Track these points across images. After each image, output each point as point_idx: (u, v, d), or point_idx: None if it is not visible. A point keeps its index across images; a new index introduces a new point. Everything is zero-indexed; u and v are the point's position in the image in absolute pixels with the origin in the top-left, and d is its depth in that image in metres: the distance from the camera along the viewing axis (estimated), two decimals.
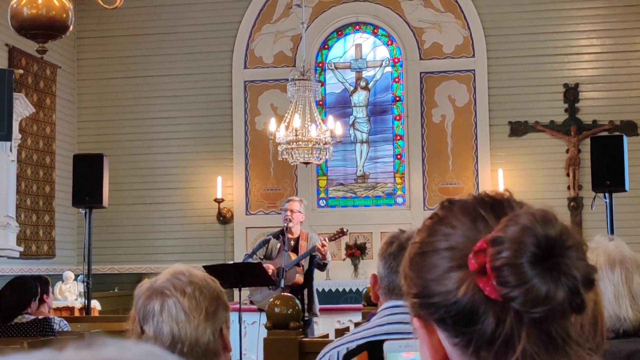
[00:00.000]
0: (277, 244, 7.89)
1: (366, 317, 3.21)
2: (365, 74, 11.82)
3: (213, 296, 2.02)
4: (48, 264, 10.91)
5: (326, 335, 5.42)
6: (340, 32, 11.88)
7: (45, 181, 10.99)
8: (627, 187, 8.08)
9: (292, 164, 10.03)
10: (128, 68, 11.88)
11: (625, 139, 8.22)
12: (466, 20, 11.37)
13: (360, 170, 11.67)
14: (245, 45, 11.73)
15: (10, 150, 9.40)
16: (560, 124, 11.07)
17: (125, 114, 11.83)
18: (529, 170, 11.02)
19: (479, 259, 0.96)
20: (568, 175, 10.95)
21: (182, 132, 11.71)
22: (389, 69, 11.75)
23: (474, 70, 11.31)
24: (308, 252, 7.76)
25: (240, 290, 7.20)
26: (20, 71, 10.22)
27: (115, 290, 11.23)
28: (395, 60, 11.69)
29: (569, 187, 10.95)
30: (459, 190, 11.01)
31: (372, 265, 9.22)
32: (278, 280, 7.64)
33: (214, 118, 11.68)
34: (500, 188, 10.85)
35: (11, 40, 10.02)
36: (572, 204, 10.88)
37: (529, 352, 0.96)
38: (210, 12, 11.77)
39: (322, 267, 7.86)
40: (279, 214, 10.93)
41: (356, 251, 11.02)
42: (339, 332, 5.08)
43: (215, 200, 11.34)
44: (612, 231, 7.78)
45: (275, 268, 7.74)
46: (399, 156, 11.55)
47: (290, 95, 9.56)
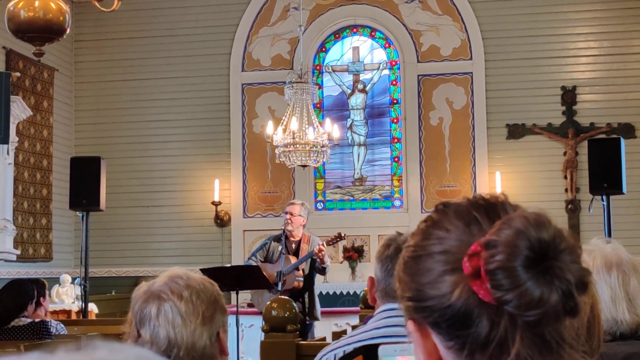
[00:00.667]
0: (279, 247, 7.87)
1: (363, 320, 3.21)
2: (362, 76, 11.82)
3: (210, 300, 2.01)
4: (45, 267, 10.90)
5: (323, 338, 5.41)
6: (338, 35, 11.88)
7: (42, 184, 10.98)
8: (625, 190, 8.08)
9: (290, 167, 10.02)
10: (125, 71, 11.88)
11: (622, 141, 8.22)
12: (464, 23, 11.38)
13: (357, 173, 11.67)
14: (242, 48, 11.73)
15: (8, 153, 9.40)
16: (557, 126, 11.08)
17: (123, 117, 11.83)
18: (527, 173, 11.02)
19: (473, 263, 0.96)
20: (565, 177, 10.96)
21: (180, 135, 11.71)
22: (386, 71, 11.75)
23: (472, 72, 11.31)
24: (306, 257, 7.75)
25: (237, 293, 7.20)
26: (18, 74, 10.21)
27: (113, 293, 11.22)
28: (393, 62, 11.70)
29: (566, 190, 10.95)
30: (456, 193, 11.01)
31: (370, 268, 9.23)
32: (276, 284, 7.62)
33: (211, 121, 11.67)
34: (497, 191, 10.88)
35: (8, 43, 10.01)
36: (570, 206, 10.89)
37: (522, 355, 0.96)
38: (207, 15, 11.77)
39: (322, 272, 7.85)
40: (276, 216, 10.96)
41: (354, 254, 11.02)
42: (336, 335, 5.07)
43: (213, 203, 11.33)
44: (610, 234, 7.78)
45: (273, 272, 7.72)
46: (396, 159, 11.55)
47: (287, 98, 9.56)
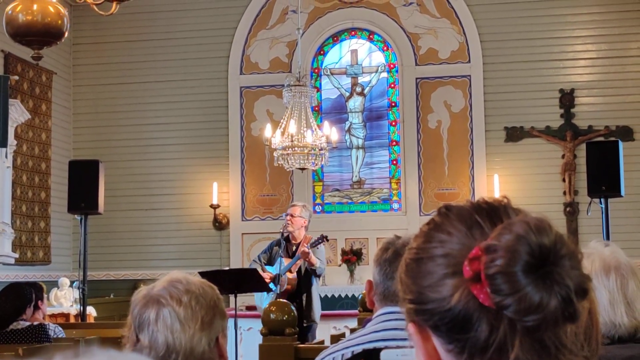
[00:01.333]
0: (279, 250, 7.90)
1: (362, 323, 3.21)
2: (361, 79, 11.83)
3: (210, 305, 2.00)
4: (43, 270, 10.89)
5: (322, 342, 5.41)
6: (336, 38, 11.89)
7: (40, 187, 10.97)
8: (623, 193, 8.08)
9: (288, 170, 10.02)
10: (124, 74, 11.88)
11: (620, 144, 8.23)
12: (462, 26, 11.38)
13: (356, 176, 11.67)
14: (241, 51, 11.73)
15: (6, 156, 9.39)
16: (556, 129, 11.08)
17: (121, 120, 11.83)
18: (525, 176, 11.03)
19: (474, 267, 0.96)
20: (564, 180, 10.96)
21: (178, 138, 11.71)
22: (384, 74, 11.76)
23: (470, 75, 11.32)
24: (295, 260, 7.76)
25: (235, 296, 7.20)
26: (16, 77, 10.21)
27: (111, 296, 11.21)
28: (391, 65, 11.70)
29: (564, 193, 10.95)
30: (454, 196, 11.01)
31: (368, 271, 9.23)
32: (276, 287, 7.65)
33: (209, 124, 11.67)
34: (496, 194, 10.88)
35: (6, 47, 10.01)
36: (568, 209, 10.89)
37: None
38: (206, 18, 11.77)
39: (314, 273, 7.83)
40: (275, 219, 10.97)
41: (352, 257, 11.01)
42: (335, 338, 5.07)
43: (211, 206, 11.33)
44: (608, 236, 7.78)
45: (271, 276, 7.74)
46: (394, 162, 11.55)
47: (286, 101, 9.56)
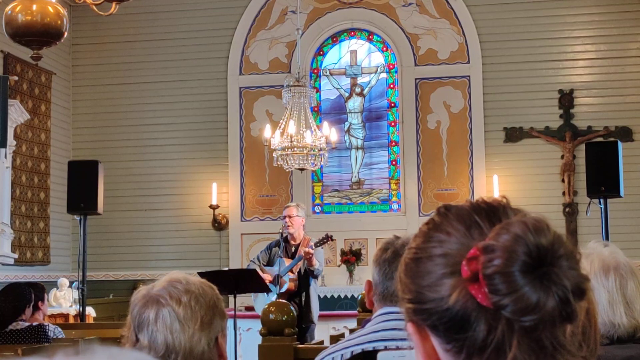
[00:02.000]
0: (279, 251, 7.90)
1: (361, 324, 3.21)
2: (360, 80, 11.83)
3: (209, 305, 2.00)
4: (43, 270, 10.89)
5: (321, 342, 5.41)
6: (336, 39, 11.89)
7: (40, 188, 10.97)
8: (622, 193, 8.08)
9: (287, 170, 10.03)
10: (123, 74, 11.88)
11: (620, 144, 8.23)
12: (461, 27, 11.39)
13: (355, 177, 11.67)
14: (240, 52, 11.73)
15: (5, 156, 9.40)
16: (555, 129, 11.09)
17: (120, 121, 11.83)
18: (524, 176, 11.03)
19: (472, 266, 0.96)
20: (563, 181, 10.97)
21: (177, 139, 11.71)
22: (384, 75, 11.76)
23: (469, 76, 11.32)
24: (297, 260, 7.76)
25: (235, 297, 7.20)
26: (15, 78, 10.21)
27: (110, 297, 11.21)
28: (391, 66, 11.70)
29: (564, 193, 10.96)
30: (454, 196, 11.02)
31: (368, 272, 9.23)
32: (275, 287, 7.66)
33: (209, 124, 11.67)
34: (495, 194, 10.89)
35: (6, 47, 10.01)
36: (567, 209, 10.89)
37: None
38: (205, 19, 11.77)
39: (312, 274, 7.83)
40: (274, 220, 10.96)
41: (351, 257, 11.02)
42: (334, 339, 5.07)
43: (211, 206, 11.33)
44: (607, 237, 7.78)
45: (271, 276, 7.75)
46: (394, 162, 11.55)
47: (285, 101, 9.56)
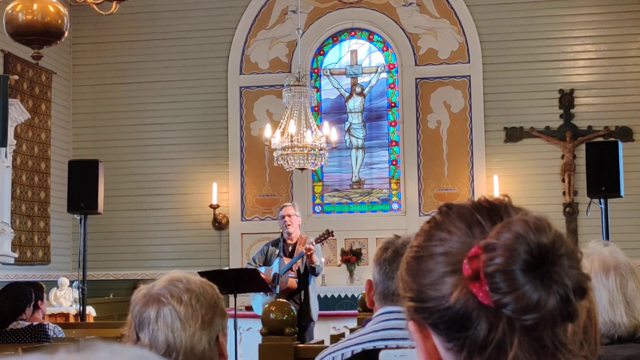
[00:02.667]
0: (276, 251, 7.90)
1: (362, 323, 3.21)
2: (360, 79, 11.83)
3: (210, 304, 2.01)
4: (43, 270, 10.89)
5: (321, 341, 5.42)
6: (336, 38, 11.89)
7: (40, 187, 10.98)
8: (622, 193, 8.08)
9: (288, 170, 10.03)
10: (123, 74, 11.88)
11: (620, 144, 8.23)
12: (461, 26, 11.39)
13: (355, 176, 11.67)
14: (240, 51, 11.73)
15: (6, 156, 9.40)
16: (555, 129, 11.09)
17: (121, 120, 11.83)
18: (525, 176, 11.03)
19: (473, 265, 0.96)
20: (563, 181, 10.97)
21: (178, 138, 11.71)
22: (384, 74, 11.76)
23: (470, 76, 11.32)
24: (297, 257, 7.76)
25: (235, 297, 7.20)
26: (16, 77, 10.21)
27: (111, 296, 11.21)
28: (391, 66, 11.71)
29: (564, 193, 10.96)
30: (454, 196, 11.02)
31: (368, 271, 9.23)
32: (274, 287, 7.66)
33: (209, 124, 11.68)
34: (495, 194, 10.87)
35: (6, 46, 10.01)
36: (568, 209, 10.90)
37: (520, 359, 0.96)
38: (205, 18, 11.78)
39: (313, 271, 7.83)
40: (274, 219, 10.95)
41: (351, 257, 11.02)
42: (335, 338, 5.07)
43: (211, 206, 11.33)
44: (607, 237, 7.79)
45: (270, 275, 7.75)
46: (394, 162, 11.55)
47: (285, 101, 9.56)
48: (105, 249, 11.50)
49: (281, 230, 8.00)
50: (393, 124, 11.62)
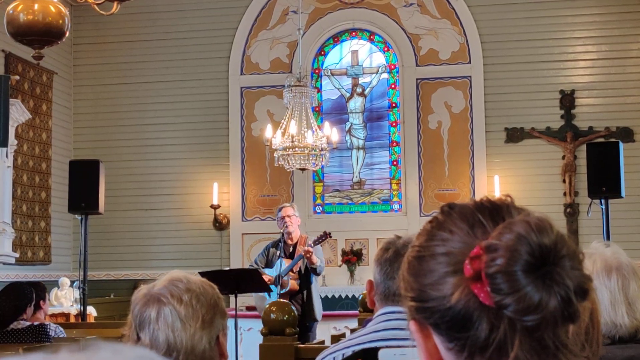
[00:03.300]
0: (277, 252, 7.91)
1: (362, 323, 3.21)
2: (361, 80, 11.83)
3: (210, 304, 2.01)
4: (44, 270, 10.90)
5: (322, 342, 5.42)
6: (337, 39, 11.89)
7: (41, 187, 10.98)
8: (623, 194, 8.08)
9: (289, 170, 10.03)
10: (124, 74, 11.88)
11: (621, 145, 8.23)
12: (462, 27, 11.39)
13: (356, 177, 11.67)
14: (241, 52, 11.73)
15: (7, 156, 9.40)
16: (556, 130, 11.09)
17: (122, 120, 11.83)
18: (525, 177, 11.03)
19: (474, 265, 0.96)
20: (564, 181, 10.97)
21: (179, 139, 11.71)
22: (385, 75, 11.76)
23: (470, 76, 11.32)
24: (297, 260, 7.77)
25: (236, 297, 7.20)
26: (17, 77, 10.22)
27: (111, 296, 11.21)
28: (392, 66, 11.70)
29: (565, 194, 10.96)
30: (455, 197, 11.01)
31: (368, 272, 9.22)
32: (276, 288, 7.67)
33: (210, 124, 11.68)
34: (496, 194, 10.92)
35: (7, 46, 10.02)
36: (568, 210, 10.89)
37: (521, 359, 0.96)
38: (206, 19, 11.78)
39: (315, 271, 7.86)
40: (275, 220, 10.95)
41: (352, 257, 11.02)
42: (335, 339, 5.07)
43: (212, 206, 11.33)
44: (608, 237, 7.78)
45: (271, 276, 7.76)
46: (395, 162, 11.55)
47: (286, 101, 9.56)
48: (106, 249, 11.50)
49: (281, 231, 8.01)
50: (394, 124, 11.62)
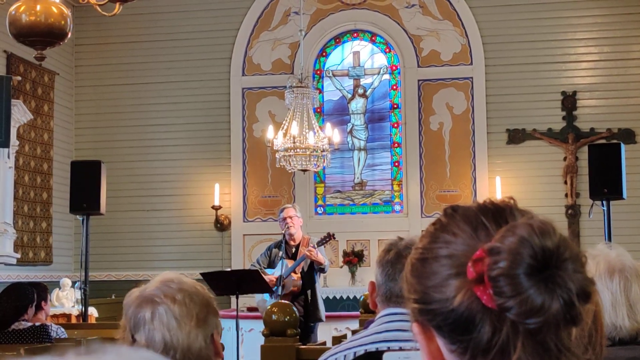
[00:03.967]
0: (279, 253, 7.93)
1: (363, 325, 3.21)
2: (363, 81, 11.83)
3: (203, 302, 2.03)
4: (45, 270, 10.90)
5: (324, 343, 5.42)
6: (339, 40, 11.89)
7: (42, 188, 10.98)
8: (625, 195, 8.08)
9: (290, 171, 10.03)
10: (126, 75, 11.88)
11: (622, 146, 8.23)
12: (464, 28, 11.39)
13: (357, 178, 11.67)
14: (243, 53, 11.74)
15: (8, 156, 9.41)
16: (558, 131, 11.08)
17: (123, 121, 11.83)
18: (527, 178, 11.02)
19: (477, 268, 0.96)
20: (566, 183, 10.96)
21: (180, 139, 11.71)
22: (386, 76, 11.76)
23: (472, 77, 11.32)
24: (299, 261, 7.79)
25: (237, 298, 7.20)
26: (18, 78, 10.22)
27: (112, 297, 11.21)
28: (393, 67, 11.70)
29: (566, 195, 10.95)
30: (456, 198, 11.01)
31: (370, 273, 9.21)
32: (277, 288, 7.68)
33: (211, 125, 11.68)
34: (498, 196, 10.88)
35: (9, 47, 10.02)
36: (570, 211, 10.89)
37: None
38: (208, 20, 11.78)
39: (322, 271, 7.93)
40: (276, 220, 10.96)
41: (353, 258, 11.01)
42: (337, 340, 5.07)
43: (213, 207, 11.33)
44: (610, 239, 7.78)
45: (273, 277, 7.77)
46: (396, 163, 11.55)
47: (288, 102, 9.56)
48: (108, 250, 11.50)
49: (283, 232, 8.02)
50: (395, 125, 11.62)
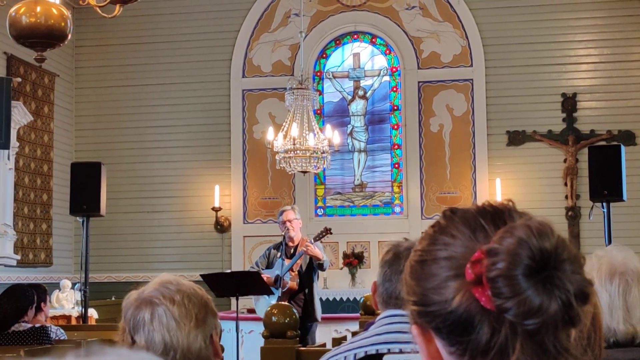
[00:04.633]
0: (278, 254, 7.94)
1: (363, 327, 3.21)
2: (363, 83, 11.83)
3: (201, 303, 2.04)
4: (45, 272, 10.90)
5: (323, 344, 5.42)
6: (339, 41, 11.89)
7: (42, 189, 10.98)
8: (625, 197, 8.08)
9: (290, 173, 10.03)
10: (126, 77, 11.89)
11: (623, 148, 8.23)
12: (464, 30, 11.39)
13: (358, 179, 11.67)
14: (243, 54, 11.74)
15: (8, 158, 9.41)
16: (558, 133, 11.08)
17: (123, 123, 11.84)
18: (527, 180, 11.02)
19: (476, 269, 0.96)
20: (566, 184, 10.96)
21: (180, 141, 11.72)
22: (387, 78, 11.76)
23: (472, 79, 11.32)
24: (297, 257, 7.80)
25: (237, 299, 7.20)
26: (19, 79, 10.23)
27: (113, 298, 11.20)
28: (394, 69, 11.71)
29: (566, 197, 10.95)
30: (456, 200, 11.02)
31: (370, 274, 9.21)
32: (276, 288, 7.69)
33: (212, 127, 11.68)
34: (497, 197, 10.89)
35: (9, 49, 10.03)
36: (570, 213, 10.89)
37: None
38: (208, 21, 11.78)
39: (321, 267, 7.91)
40: (276, 222, 10.96)
41: (353, 260, 11.02)
42: (336, 341, 5.07)
43: (213, 208, 11.33)
44: (610, 241, 7.78)
45: (271, 277, 7.78)
46: (396, 165, 11.55)
47: (288, 104, 9.56)
48: (108, 252, 11.50)
49: (283, 234, 8.03)
50: (395, 127, 11.62)
